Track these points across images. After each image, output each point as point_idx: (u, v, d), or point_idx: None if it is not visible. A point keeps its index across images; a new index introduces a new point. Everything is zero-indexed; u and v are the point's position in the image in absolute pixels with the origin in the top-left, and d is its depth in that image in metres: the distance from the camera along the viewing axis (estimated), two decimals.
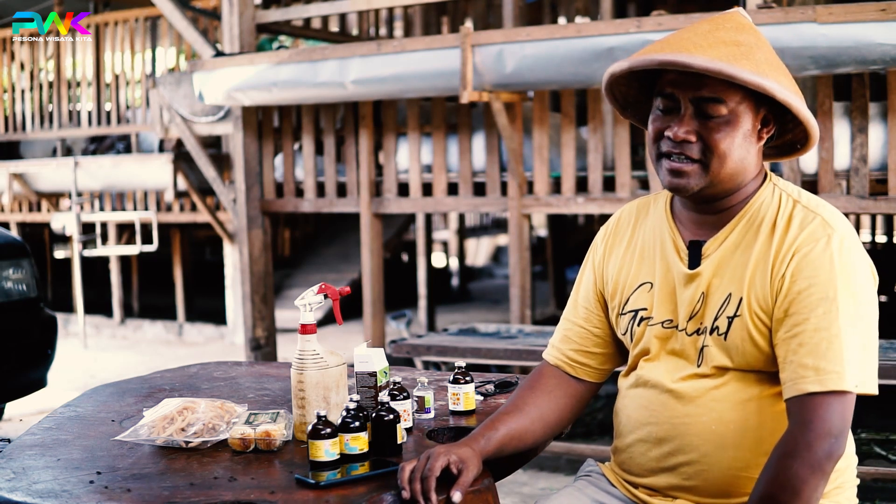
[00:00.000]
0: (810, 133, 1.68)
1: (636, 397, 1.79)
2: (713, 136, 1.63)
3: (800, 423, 1.54)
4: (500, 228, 15.73)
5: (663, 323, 1.75)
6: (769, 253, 1.64)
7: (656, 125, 1.70)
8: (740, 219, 1.69)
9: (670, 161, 1.67)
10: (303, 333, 1.93)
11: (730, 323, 1.66)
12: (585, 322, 1.89)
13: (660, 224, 1.80)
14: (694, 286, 1.71)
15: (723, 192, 1.69)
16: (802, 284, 1.59)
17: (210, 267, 10.86)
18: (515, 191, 5.12)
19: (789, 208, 1.67)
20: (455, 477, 1.63)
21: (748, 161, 1.68)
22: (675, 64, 1.60)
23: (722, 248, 1.70)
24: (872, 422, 4.72)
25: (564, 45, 4.39)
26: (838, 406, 1.55)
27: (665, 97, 1.68)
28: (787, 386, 1.58)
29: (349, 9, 5.50)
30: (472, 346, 4.53)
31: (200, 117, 6.29)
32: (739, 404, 1.66)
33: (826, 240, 1.60)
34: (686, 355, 1.72)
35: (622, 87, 1.79)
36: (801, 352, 1.57)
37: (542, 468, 4.37)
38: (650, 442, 1.74)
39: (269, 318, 6.00)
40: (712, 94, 1.62)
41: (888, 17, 3.76)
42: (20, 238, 4.94)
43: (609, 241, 1.88)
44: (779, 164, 4.54)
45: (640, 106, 1.83)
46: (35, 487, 1.68)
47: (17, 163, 8.40)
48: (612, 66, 1.71)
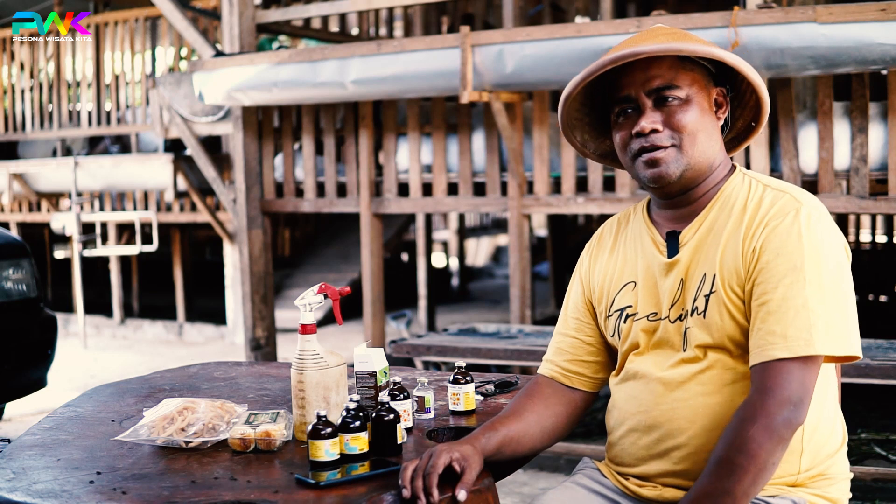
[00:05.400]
0: (762, 100, 1.77)
1: (625, 390, 1.82)
2: (677, 118, 1.71)
3: (760, 390, 1.58)
4: (500, 228, 15.73)
5: (648, 316, 1.79)
6: (740, 229, 1.69)
7: (622, 131, 1.77)
8: (713, 205, 1.75)
9: (645, 154, 1.73)
10: (303, 333, 1.93)
11: (707, 300, 1.70)
12: (577, 332, 1.94)
13: (639, 227, 1.86)
14: (674, 274, 1.76)
15: (699, 174, 1.74)
16: (771, 255, 1.64)
17: (210, 267, 10.86)
18: (515, 191, 5.12)
19: (759, 191, 1.73)
20: (457, 475, 1.64)
21: (714, 138, 1.75)
22: (625, 57, 1.67)
23: (698, 234, 1.75)
24: (873, 422, 4.72)
25: (564, 45, 4.39)
26: (799, 373, 1.58)
27: (621, 102, 1.75)
28: (755, 353, 1.62)
29: (349, 9, 5.50)
30: (472, 346, 4.53)
31: (200, 117, 6.29)
32: (725, 386, 1.69)
33: (794, 213, 1.65)
34: (671, 343, 1.76)
35: (575, 122, 1.88)
36: (769, 320, 1.61)
37: (542, 468, 4.37)
38: (640, 431, 1.77)
39: (269, 318, 6.00)
40: (666, 82, 1.70)
41: (888, 17, 3.76)
42: (20, 238, 4.94)
43: (593, 252, 1.95)
44: (779, 164, 4.54)
45: (592, 141, 1.92)
46: (35, 487, 1.68)
47: (18, 163, 8.40)
48: (566, 88, 1.78)
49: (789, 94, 4.40)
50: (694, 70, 1.72)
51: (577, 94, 1.82)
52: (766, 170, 4.47)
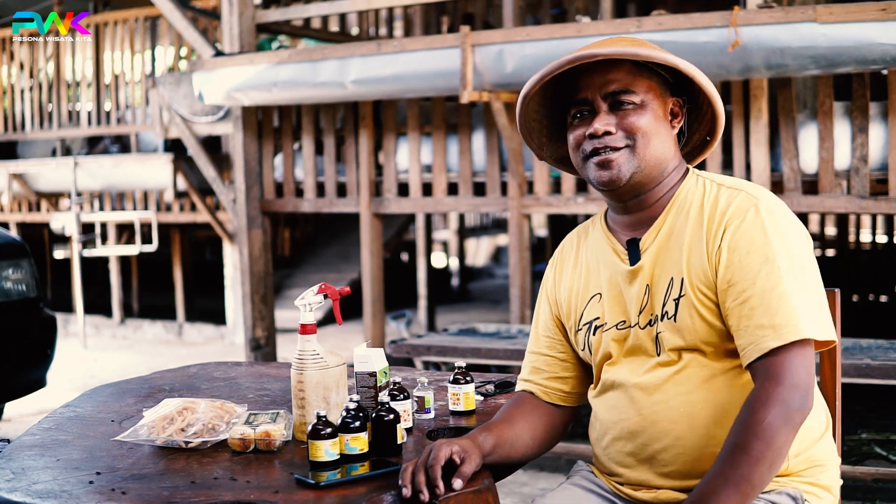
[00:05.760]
0: (717, 114, 1.79)
1: (605, 401, 1.82)
2: (631, 120, 1.73)
3: (770, 378, 1.59)
4: (500, 228, 15.73)
5: (617, 325, 1.80)
6: (701, 231, 1.71)
7: (576, 132, 1.79)
8: (670, 209, 1.77)
9: (596, 156, 1.75)
10: (303, 333, 1.92)
11: (677, 304, 1.71)
12: (549, 350, 1.94)
13: (599, 238, 1.87)
14: (639, 281, 1.77)
15: (650, 178, 1.76)
16: (741, 253, 1.65)
17: (210, 267, 10.85)
18: (515, 191, 5.12)
19: (714, 191, 1.74)
20: (457, 469, 1.64)
21: (668, 144, 1.77)
22: (583, 57, 1.70)
23: (657, 240, 1.76)
24: (873, 422, 4.72)
25: (565, 45, 4.39)
26: (801, 359, 1.60)
27: (578, 104, 1.77)
28: (748, 350, 1.63)
29: (349, 9, 5.50)
30: (472, 346, 4.53)
31: (200, 117, 6.28)
32: (704, 383, 1.70)
33: (754, 209, 1.67)
34: (644, 349, 1.76)
35: (533, 123, 1.90)
36: (754, 315, 1.62)
37: (542, 468, 4.37)
38: (624, 438, 1.77)
39: (269, 318, 6.00)
40: (622, 86, 1.73)
41: (888, 17, 3.76)
42: (20, 238, 4.94)
43: (556, 269, 1.95)
44: (779, 164, 4.54)
45: (549, 145, 1.94)
46: (34, 488, 1.68)
47: (17, 163, 8.40)
48: (525, 87, 1.81)
49: (790, 93, 4.40)
50: (651, 78, 1.76)
51: (536, 95, 1.84)
52: (766, 169, 4.47)
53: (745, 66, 4.08)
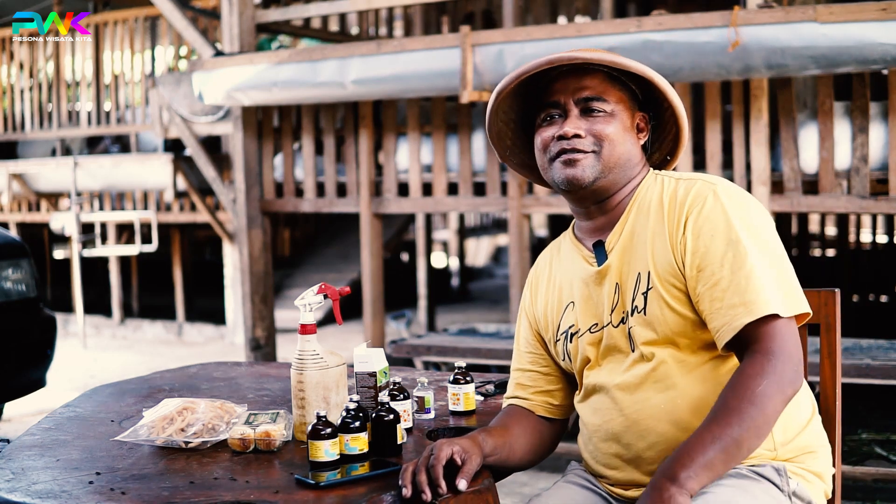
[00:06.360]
0: (681, 133, 1.84)
1: (589, 405, 1.84)
2: (600, 127, 1.77)
3: (762, 352, 1.60)
4: (500, 228, 15.73)
5: (590, 328, 1.82)
6: (663, 224, 1.74)
7: (545, 134, 1.82)
8: (631, 208, 1.81)
9: (564, 155, 1.78)
10: (303, 333, 1.92)
11: (646, 297, 1.73)
12: (532, 365, 1.96)
13: (568, 249, 1.91)
14: (608, 280, 1.79)
15: (613, 182, 1.80)
16: (706, 238, 1.68)
17: (210, 267, 10.85)
18: (515, 191, 5.12)
19: (672, 186, 1.78)
20: (457, 469, 1.64)
21: (633, 152, 1.81)
22: (562, 60, 1.75)
23: (622, 239, 1.79)
24: (873, 422, 4.72)
25: (564, 45, 4.39)
26: (789, 334, 1.63)
27: (550, 106, 1.81)
28: (723, 330, 1.64)
29: (349, 9, 5.50)
30: (472, 346, 4.53)
31: (200, 117, 6.28)
32: (683, 377, 1.71)
33: (713, 194, 1.71)
34: (619, 347, 1.78)
35: (502, 125, 1.93)
36: (725, 296, 1.64)
37: (542, 468, 4.37)
38: (610, 439, 1.79)
39: (269, 318, 5.99)
40: (595, 93, 1.78)
41: (889, 17, 3.76)
42: (19, 238, 4.93)
43: (533, 286, 1.99)
44: (779, 164, 4.54)
45: (515, 150, 1.97)
46: (34, 488, 1.68)
47: (17, 162, 8.40)
48: (499, 84, 1.84)
49: (790, 93, 4.40)
50: (623, 91, 1.81)
51: (507, 96, 1.87)
52: (766, 169, 4.47)
53: (746, 66, 4.08)
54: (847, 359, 3.95)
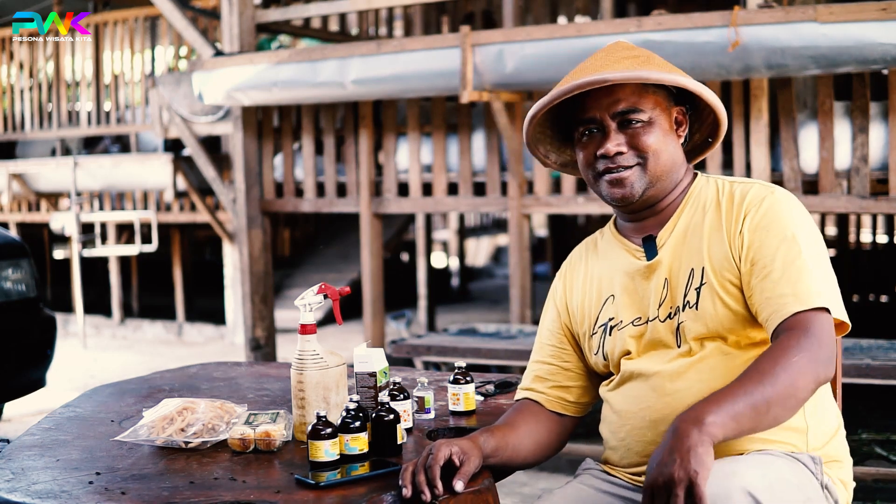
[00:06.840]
0: (720, 119, 1.83)
1: (623, 392, 1.82)
2: (641, 139, 1.77)
3: (799, 330, 1.60)
4: (500, 228, 15.73)
5: (633, 322, 1.82)
6: (720, 222, 1.76)
7: (587, 150, 1.82)
8: (684, 206, 1.82)
9: (609, 174, 1.79)
10: (303, 333, 1.92)
11: (698, 293, 1.73)
12: (553, 359, 1.95)
13: (610, 244, 1.91)
14: (657, 276, 1.79)
15: (661, 191, 1.81)
16: (762, 233, 1.71)
17: (210, 267, 10.85)
18: (515, 191, 5.12)
19: (727, 188, 1.80)
20: (456, 470, 1.64)
21: (677, 156, 1.82)
22: (594, 83, 1.73)
23: (674, 235, 1.80)
24: (873, 422, 4.72)
25: (564, 45, 4.39)
26: (826, 323, 1.63)
27: (586, 122, 1.80)
28: (772, 318, 1.65)
29: (349, 9, 5.50)
30: (472, 346, 4.53)
31: (200, 117, 6.28)
32: (726, 371, 1.70)
33: (770, 195, 1.74)
34: (664, 342, 1.77)
35: (539, 136, 1.93)
36: (777, 287, 1.66)
37: (542, 468, 4.37)
38: (644, 427, 1.77)
39: (269, 318, 5.99)
40: (630, 105, 1.77)
41: (889, 17, 3.75)
42: (19, 238, 4.93)
43: (567, 278, 1.97)
44: (779, 164, 4.54)
45: (557, 153, 1.97)
46: (34, 488, 1.68)
47: (17, 162, 8.39)
48: (532, 108, 1.83)
49: (790, 93, 4.40)
50: (656, 93, 1.79)
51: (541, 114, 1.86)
52: (766, 169, 4.47)
53: (746, 66, 4.08)
54: (847, 359, 3.95)
